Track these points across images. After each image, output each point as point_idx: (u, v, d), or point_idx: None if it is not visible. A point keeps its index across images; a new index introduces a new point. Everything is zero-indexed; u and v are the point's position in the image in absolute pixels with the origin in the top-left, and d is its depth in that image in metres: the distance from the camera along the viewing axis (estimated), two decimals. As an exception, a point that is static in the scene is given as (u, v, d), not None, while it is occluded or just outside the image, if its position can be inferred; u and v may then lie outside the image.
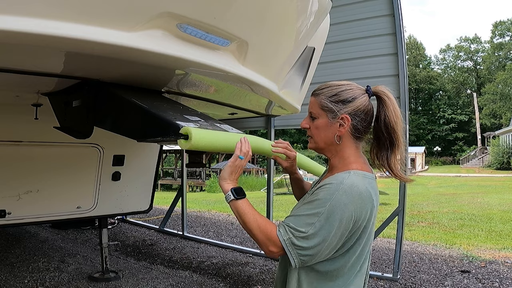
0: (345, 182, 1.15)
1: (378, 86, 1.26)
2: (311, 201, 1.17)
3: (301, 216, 1.16)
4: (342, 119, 1.22)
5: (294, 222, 1.16)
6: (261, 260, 5.18)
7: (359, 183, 1.15)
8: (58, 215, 3.94)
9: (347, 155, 1.25)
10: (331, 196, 1.13)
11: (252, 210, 1.23)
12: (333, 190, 1.14)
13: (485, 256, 5.47)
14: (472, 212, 9.62)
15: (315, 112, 1.27)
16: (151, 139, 1.80)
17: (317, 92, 1.27)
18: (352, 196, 1.13)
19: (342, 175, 1.18)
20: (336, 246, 1.16)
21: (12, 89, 2.29)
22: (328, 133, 1.25)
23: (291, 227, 1.16)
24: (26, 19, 1.21)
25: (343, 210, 1.12)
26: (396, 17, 4.40)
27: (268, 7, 1.95)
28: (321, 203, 1.13)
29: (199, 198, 15.09)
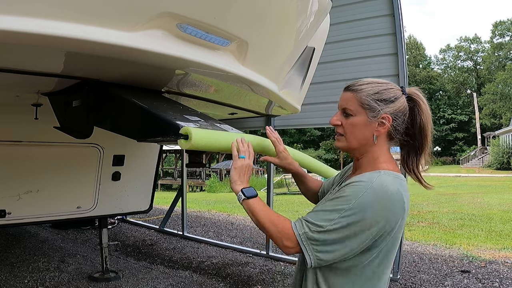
0: (375, 181, 1.09)
1: (412, 88, 1.23)
2: (335, 198, 1.11)
3: (321, 211, 1.12)
4: (384, 118, 1.16)
5: (313, 217, 1.11)
6: (261, 260, 5.18)
7: (390, 184, 1.09)
8: (58, 215, 3.94)
9: (377, 155, 1.19)
10: (357, 193, 1.07)
11: (264, 207, 1.20)
12: (361, 188, 1.08)
13: (485, 256, 5.47)
14: (472, 212, 9.62)
15: (353, 109, 1.18)
16: (151, 139, 1.81)
17: (356, 88, 1.19)
18: (381, 197, 1.07)
19: (372, 174, 1.13)
20: (358, 248, 1.09)
21: (12, 89, 2.29)
22: (364, 132, 1.18)
23: (308, 221, 1.11)
24: (26, 19, 1.21)
25: (369, 211, 1.05)
26: (396, 17, 4.40)
27: (268, 7, 1.95)
28: (346, 200, 1.08)
29: (199, 198, 15.09)
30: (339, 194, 1.11)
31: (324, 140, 41.92)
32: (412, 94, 1.21)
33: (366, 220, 1.05)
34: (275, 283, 4.30)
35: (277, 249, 5.66)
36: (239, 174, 1.28)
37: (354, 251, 1.09)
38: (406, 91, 1.22)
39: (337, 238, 1.07)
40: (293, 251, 1.13)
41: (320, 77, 4.26)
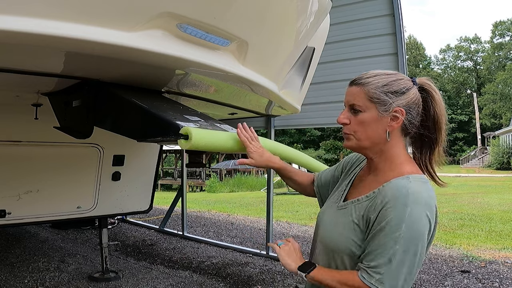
0: (410, 193, 1.00)
1: (423, 78, 1.14)
2: (381, 229, 1.00)
3: (376, 251, 1.01)
4: (396, 112, 1.07)
5: (372, 260, 1.01)
6: (261, 260, 5.18)
7: (423, 191, 1.02)
8: (58, 215, 3.94)
9: (395, 155, 1.10)
10: (403, 214, 0.98)
11: (327, 272, 1.11)
12: (402, 206, 0.98)
13: (485, 256, 5.47)
14: (472, 212, 9.61)
15: (361, 105, 1.08)
16: (151, 139, 1.81)
17: (362, 81, 1.09)
18: (424, 206, 1.00)
19: (401, 183, 1.03)
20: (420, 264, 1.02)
21: (12, 89, 2.29)
22: (376, 129, 1.08)
23: (371, 267, 1.01)
24: (26, 19, 1.21)
25: (421, 224, 0.99)
26: (396, 17, 4.40)
27: (268, 7, 1.95)
28: (395, 226, 0.98)
29: (199, 198, 15.09)
30: (383, 221, 1.01)
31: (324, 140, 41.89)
32: (423, 84, 1.12)
33: (422, 238, 1.00)
34: (275, 283, 4.30)
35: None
36: (288, 256, 1.22)
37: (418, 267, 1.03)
38: (416, 81, 1.12)
39: (409, 264, 0.99)
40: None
41: (320, 77, 4.26)
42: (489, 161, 32.69)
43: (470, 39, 53.77)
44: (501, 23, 48.35)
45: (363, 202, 1.10)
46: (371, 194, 1.09)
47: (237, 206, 11.33)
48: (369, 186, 1.13)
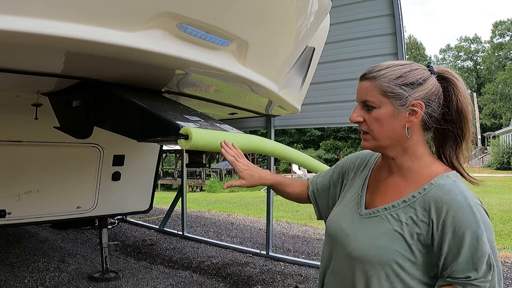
0: (465, 192, 0.94)
1: (441, 67, 1.05)
2: (459, 237, 0.91)
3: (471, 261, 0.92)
4: (414, 105, 0.98)
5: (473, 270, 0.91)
6: (261, 260, 5.18)
7: (467, 188, 0.97)
8: (58, 215, 3.95)
9: (420, 152, 1.02)
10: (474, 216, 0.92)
11: None
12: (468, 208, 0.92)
13: (485, 256, 5.46)
14: (472, 212, 9.61)
15: (375, 100, 0.99)
16: (151, 139, 1.81)
17: (374, 74, 1.00)
18: (479, 203, 0.96)
19: (449, 184, 0.96)
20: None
21: (12, 89, 2.29)
22: (394, 126, 0.99)
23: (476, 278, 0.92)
24: (26, 19, 1.21)
25: (487, 219, 0.94)
26: (396, 17, 4.40)
27: (268, 7, 1.95)
28: (476, 232, 0.91)
29: (199, 198, 15.09)
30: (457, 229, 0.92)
31: (324, 140, 41.89)
32: (443, 73, 1.03)
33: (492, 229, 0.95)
34: (275, 283, 4.30)
35: (277, 249, 5.66)
36: None
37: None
38: (435, 70, 1.02)
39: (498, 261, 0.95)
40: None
41: (320, 77, 4.26)
42: (489, 161, 32.71)
43: (470, 39, 53.81)
44: (501, 23, 48.36)
45: (400, 208, 1.00)
46: (410, 199, 0.99)
47: (237, 206, 11.33)
48: (399, 189, 1.03)
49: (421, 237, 0.96)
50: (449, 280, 0.94)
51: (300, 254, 5.43)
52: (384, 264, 0.98)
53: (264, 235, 5.73)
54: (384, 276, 0.98)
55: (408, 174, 1.03)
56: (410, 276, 0.97)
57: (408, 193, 1.00)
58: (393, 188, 1.05)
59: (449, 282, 0.94)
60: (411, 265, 0.97)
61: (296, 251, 5.62)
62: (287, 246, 5.91)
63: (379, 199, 1.07)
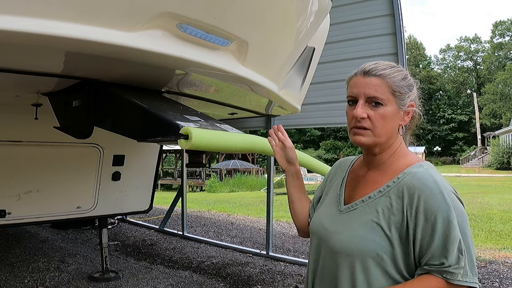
0: (437, 180, 0.98)
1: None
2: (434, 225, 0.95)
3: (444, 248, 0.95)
4: (410, 106, 1.06)
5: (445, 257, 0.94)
6: (261, 260, 5.18)
7: (440, 176, 1.01)
8: (58, 215, 3.95)
9: (399, 147, 1.09)
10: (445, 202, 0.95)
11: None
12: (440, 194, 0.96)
13: (485, 256, 5.46)
14: (472, 212, 9.61)
15: (384, 98, 1.02)
16: (151, 139, 1.81)
17: (382, 73, 1.03)
18: (452, 191, 0.99)
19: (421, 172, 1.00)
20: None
21: (12, 89, 2.29)
22: (394, 124, 1.05)
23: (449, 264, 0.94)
24: (26, 19, 1.21)
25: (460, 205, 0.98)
26: (396, 17, 4.40)
27: (268, 7, 1.95)
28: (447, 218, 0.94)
29: (199, 198, 15.09)
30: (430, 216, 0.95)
31: (324, 140, 41.92)
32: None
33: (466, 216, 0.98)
34: (275, 283, 4.30)
35: (277, 249, 5.66)
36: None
37: None
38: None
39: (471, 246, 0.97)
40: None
41: (320, 77, 4.26)
42: (489, 161, 32.70)
43: (470, 39, 53.79)
44: (501, 23, 48.35)
45: (377, 199, 1.03)
46: (385, 188, 1.03)
47: (237, 206, 11.33)
48: (377, 182, 1.07)
49: (398, 226, 0.99)
50: (426, 268, 0.96)
51: (300, 254, 5.43)
52: (365, 256, 1.00)
53: (264, 235, 5.73)
54: (367, 268, 1.00)
55: (386, 167, 1.08)
56: (392, 267, 0.99)
57: (384, 184, 1.05)
58: (371, 182, 1.09)
59: (426, 270, 0.97)
60: (391, 256, 0.99)
61: (296, 251, 5.62)
62: (287, 246, 5.92)
63: (358, 194, 1.11)
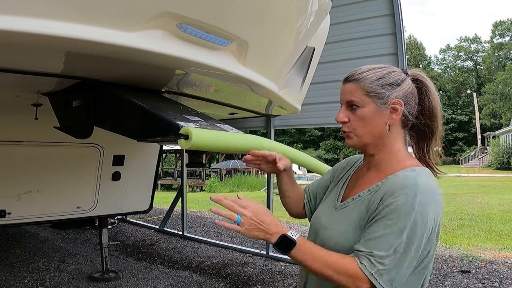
0: (419, 184, 0.98)
1: (414, 70, 1.14)
2: (388, 216, 0.96)
3: (382, 237, 0.95)
4: (395, 104, 1.06)
5: (377, 247, 0.95)
6: (261, 260, 5.18)
7: (430, 181, 1.00)
8: (58, 215, 3.94)
9: (397, 149, 1.09)
10: (412, 203, 0.94)
11: (313, 252, 1.00)
12: (412, 195, 0.95)
13: (485, 256, 5.47)
14: (472, 212, 9.61)
15: (359, 100, 1.07)
16: (151, 139, 1.81)
17: (356, 77, 1.08)
18: (432, 198, 0.98)
19: (409, 175, 1.01)
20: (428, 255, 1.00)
21: (12, 89, 2.29)
22: (377, 123, 1.07)
23: (375, 256, 0.94)
24: (26, 19, 1.21)
25: (428, 217, 0.95)
26: (396, 17, 4.40)
27: (268, 7, 1.95)
28: (404, 214, 0.94)
29: (199, 198, 15.08)
30: (390, 207, 0.97)
31: (324, 140, 41.91)
32: (416, 75, 1.13)
33: (428, 227, 0.96)
34: (275, 283, 4.30)
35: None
36: (257, 227, 1.03)
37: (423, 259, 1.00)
38: (409, 72, 1.13)
39: (411, 255, 0.95)
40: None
41: (320, 77, 4.26)
42: (489, 161, 32.68)
43: (470, 39, 53.77)
44: (501, 23, 48.33)
45: (365, 196, 1.07)
46: (374, 188, 1.06)
47: (237, 206, 11.30)
48: (371, 181, 1.10)
49: (373, 216, 1.00)
50: (357, 252, 0.98)
51: (300, 254, 5.43)
52: (345, 252, 1.02)
53: (264, 235, 5.73)
54: None
55: (383, 168, 1.09)
56: None
57: (375, 183, 1.07)
58: (368, 181, 1.12)
59: (356, 253, 0.98)
60: None
61: (296, 251, 5.62)
62: (287, 246, 5.91)
63: (353, 193, 1.14)
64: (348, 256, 0.99)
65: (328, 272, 0.97)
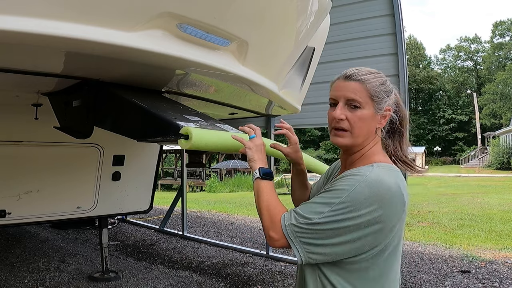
0: (369, 175, 1.01)
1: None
2: (327, 191, 1.04)
3: (311, 203, 1.05)
4: (387, 110, 1.11)
5: (302, 209, 1.04)
6: (261, 260, 5.18)
7: (385, 176, 1.02)
8: (58, 215, 3.94)
9: (373, 149, 1.14)
10: (351, 187, 1.00)
11: (270, 192, 1.14)
12: (355, 181, 1.01)
13: (485, 256, 5.47)
14: (472, 212, 9.62)
15: (362, 101, 1.08)
16: (151, 139, 1.81)
17: (361, 77, 1.09)
18: (378, 191, 0.99)
19: (366, 168, 1.06)
20: (354, 246, 1.00)
21: (12, 89, 2.29)
22: (370, 126, 1.11)
23: (297, 213, 1.04)
24: (26, 19, 1.21)
25: (364, 205, 0.98)
26: (396, 17, 4.40)
27: (268, 7, 1.95)
28: (338, 193, 1.00)
29: (199, 198, 15.08)
30: (331, 187, 1.05)
31: (324, 140, 41.90)
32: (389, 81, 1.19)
33: (362, 216, 0.98)
34: (275, 283, 4.30)
35: (277, 249, 5.66)
36: (257, 152, 1.22)
37: (350, 248, 1.00)
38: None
39: (328, 233, 0.99)
40: (279, 244, 1.05)
41: (320, 77, 4.25)
42: (489, 161, 32.69)
43: (470, 39, 53.77)
44: (501, 23, 48.32)
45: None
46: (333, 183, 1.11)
47: (237, 206, 11.33)
48: None
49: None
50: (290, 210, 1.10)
51: (300, 254, 5.43)
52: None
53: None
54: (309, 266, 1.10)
55: (353, 165, 1.14)
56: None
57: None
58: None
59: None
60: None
61: (296, 251, 5.61)
62: (287, 246, 5.91)
63: None
64: (284, 209, 1.11)
65: (264, 207, 1.11)
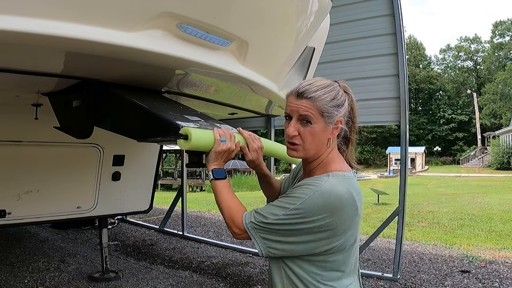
0: (324, 185, 1.11)
1: (342, 82, 1.24)
2: (286, 196, 1.16)
3: (270, 205, 1.17)
4: (338, 122, 1.19)
5: (263, 209, 1.17)
6: (261, 260, 5.18)
7: (338, 186, 1.12)
8: (58, 215, 3.94)
9: (329, 157, 1.22)
10: (305, 196, 1.10)
11: (227, 191, 1.26)
12: (310, 191, 1.11)
13: (485, 256, 5.47)
14: (472, 212, 9.62)
15: (313, 117, 1.15)
16: (151, 139, 1.80)
17: (312, 95, 1.15)
18: (330, 200, 1.09)
19: (321, 178, 1.15)
20: (308, 247, 1.12)
21: (12, 89, 2.29)
22: (322, 139, 1.18)
23: (257, 212, 1.17)
24: (26, 19, 1.21)
25: (316, 213, 1.08)
26: (396, 17, 4.40)
27: (268, 7, 1.95)
28: (294, 200, 1.11)
29: (199, 198, 15.08)
30: (290, 193, 1.15)
31: (324, 140, 41.89)
32: (345, 89, 1.23)
33: (314, 222, 1.08)
34: (275, 283, 4.30)
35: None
36: (216, 156, 1.33)
37: (306, 248, 1.12)
38: (340, 85, 1.23)
39: (282, 232, 1.12)
40: (241, 237, 1.20)
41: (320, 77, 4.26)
42: (489, 161, 32.70)
43: (470, 39, 53.77)
44: (501, 23, 48.33)
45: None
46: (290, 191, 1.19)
47: (237, 206, 11.31)
48: None
49: None
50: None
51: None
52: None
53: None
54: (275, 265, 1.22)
55: (312, 173, 1.22)
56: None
57: None
58: None
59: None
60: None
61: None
62: (287, 246, 5.91)
63: None
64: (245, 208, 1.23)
65: (224, 207, 1.23)
